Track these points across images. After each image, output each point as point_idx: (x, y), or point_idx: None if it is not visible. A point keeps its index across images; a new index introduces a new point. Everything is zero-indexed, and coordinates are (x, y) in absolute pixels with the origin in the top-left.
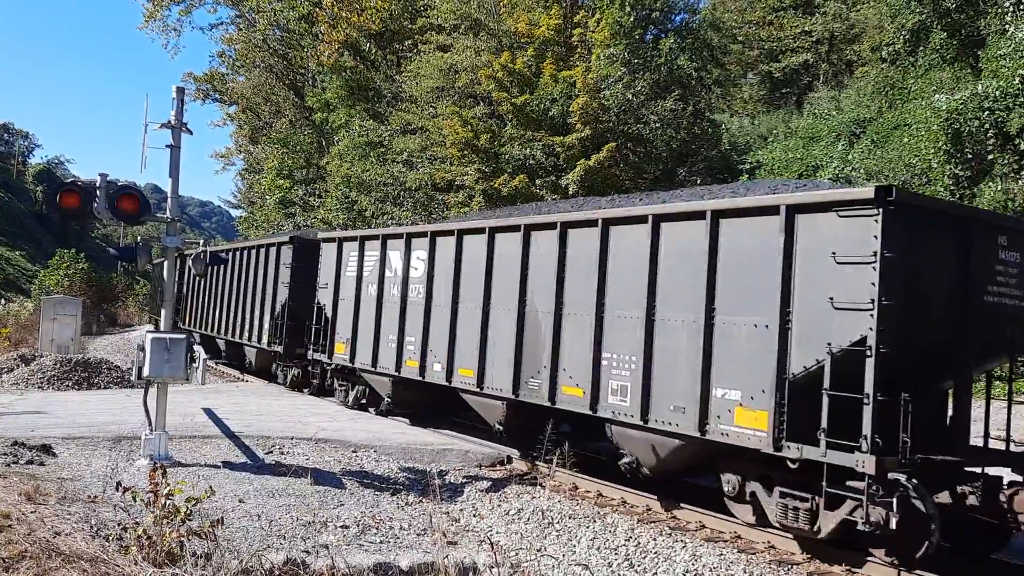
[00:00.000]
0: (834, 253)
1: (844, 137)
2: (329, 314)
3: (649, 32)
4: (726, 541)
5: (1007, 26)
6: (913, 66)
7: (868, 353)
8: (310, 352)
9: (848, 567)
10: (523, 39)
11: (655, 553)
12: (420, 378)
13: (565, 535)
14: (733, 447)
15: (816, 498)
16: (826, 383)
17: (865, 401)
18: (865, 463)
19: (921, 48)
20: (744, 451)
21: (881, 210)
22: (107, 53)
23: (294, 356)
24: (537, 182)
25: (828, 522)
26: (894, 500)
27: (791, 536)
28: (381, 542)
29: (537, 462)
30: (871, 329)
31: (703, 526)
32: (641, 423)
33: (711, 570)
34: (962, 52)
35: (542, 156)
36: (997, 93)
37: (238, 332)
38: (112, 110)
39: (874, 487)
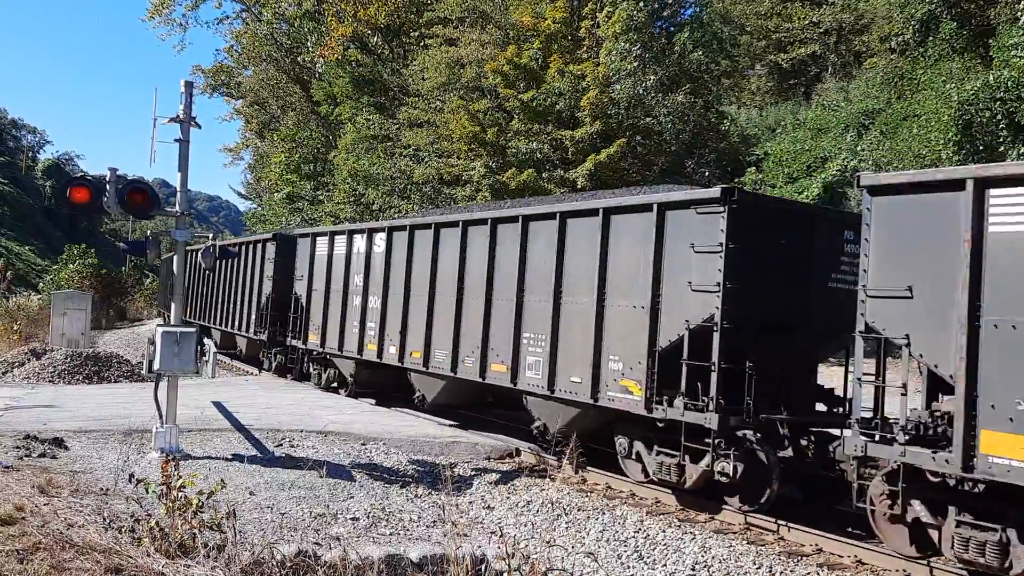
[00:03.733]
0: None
1: (853, 128)
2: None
3: (658, 26)
4: (735, 533)
5: (1018, 14)
6: (922, 56)
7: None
8: (289, 339)
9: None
10: (528, 32)
11: (664, 545)
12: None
13: (575, 527)
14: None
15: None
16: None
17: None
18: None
19: (930, 38)
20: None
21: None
22: (116, 48)
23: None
24: (544, 175)
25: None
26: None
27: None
28: (391, 534)
29: (546, 455)
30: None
31: (712, 518)
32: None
33: (721, 561)
34: (972, 42)
35: (549, 150)
36: (1009, 83)
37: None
38: (121, 105)
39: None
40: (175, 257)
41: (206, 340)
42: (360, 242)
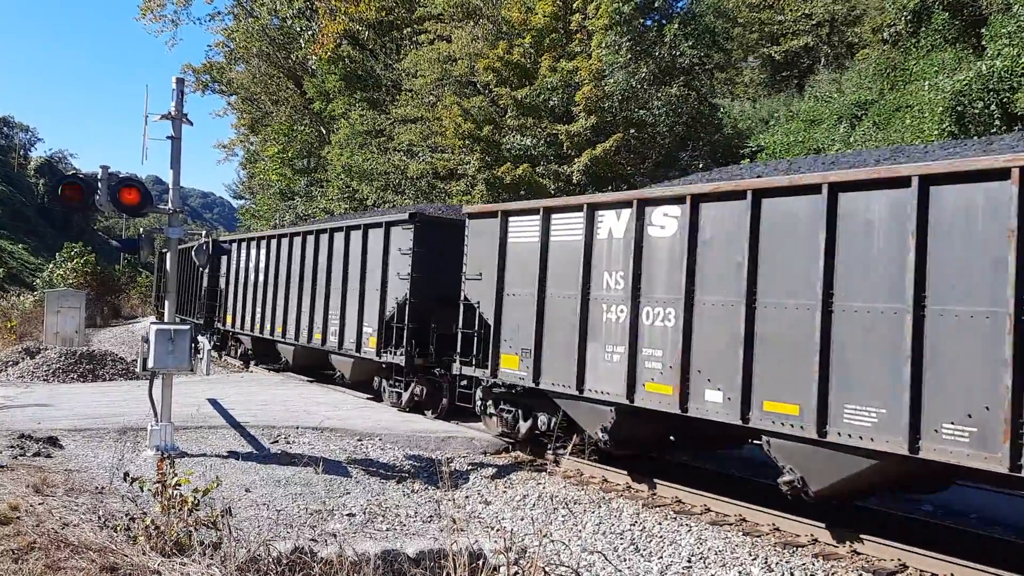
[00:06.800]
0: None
1: (846, 119)
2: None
3: (650, 18)
4: (731, 524)
5: (1011, 3)
6: (915, 47)
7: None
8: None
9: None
10: (520, 27)
11: (660, 537)
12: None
13: (571, 520)
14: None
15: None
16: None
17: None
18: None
19: (923, 28)
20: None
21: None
22: (108, 45)
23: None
24: (538, 170)
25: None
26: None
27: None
28: (388, 529)
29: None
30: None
31: (708, 509)
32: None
33: (716, 553)
34: (964, 32)
35: (544, 146)
36: (1001, 72)
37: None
38: (114, 103)
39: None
40: (169, 254)
41: (200, 337)
42: None
